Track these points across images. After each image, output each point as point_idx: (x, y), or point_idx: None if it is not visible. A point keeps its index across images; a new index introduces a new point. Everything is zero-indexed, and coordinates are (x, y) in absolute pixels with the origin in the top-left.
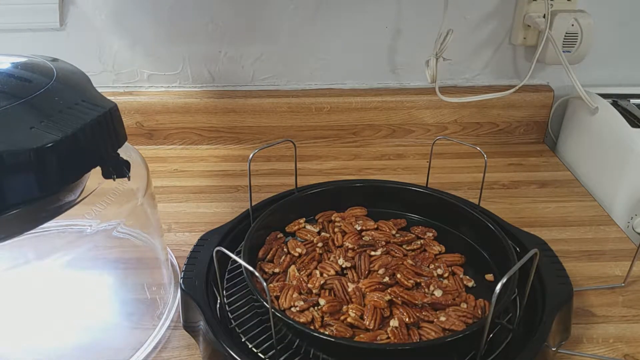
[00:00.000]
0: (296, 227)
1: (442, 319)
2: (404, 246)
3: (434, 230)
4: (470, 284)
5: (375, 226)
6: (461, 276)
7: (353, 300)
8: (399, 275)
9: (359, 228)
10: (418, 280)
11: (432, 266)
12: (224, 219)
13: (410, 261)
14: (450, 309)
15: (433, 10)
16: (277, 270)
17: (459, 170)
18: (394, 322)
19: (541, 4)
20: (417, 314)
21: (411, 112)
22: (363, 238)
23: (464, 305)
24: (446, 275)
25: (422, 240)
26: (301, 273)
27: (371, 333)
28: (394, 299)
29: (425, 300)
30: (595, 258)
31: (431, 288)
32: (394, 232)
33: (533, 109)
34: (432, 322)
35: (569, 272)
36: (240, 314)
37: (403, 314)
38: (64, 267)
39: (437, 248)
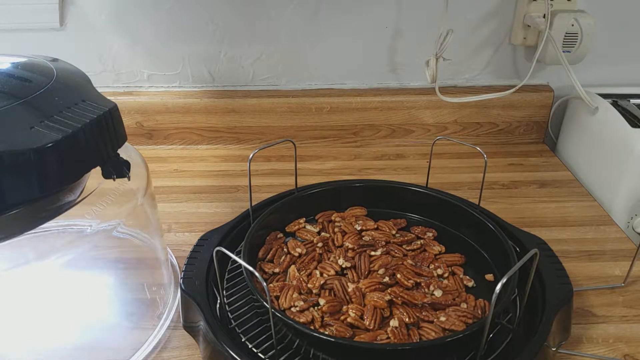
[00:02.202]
0: (296, 227)
1: (442, 319)
2: (404, 246)
3: (434, 230)
4: (470, 284)
5: (375, 226)
6: (461, 276)
7: (353, 300)
8: (399, 275)
9: (359, 228)
10: (418, 280)
11: (432, 266)
12: (224, 219)
13: (410, 261)
14: (450, 309)
15: (433, 10)
16: (277, 270)
17: (459, 170)
18: (394, 322)
19: (541, 4)
20: (417, 314)
21: (411, 112)
22: (363, 238)
23: (464, 305)
24: (446, 275)
25: (422, 240)
26: (301, 273)
27: (371, 333)
28: (394, 299)
29: (425, 300)
30: (595, 258)
31: (431, 288)
32: (394, 232)
33: (533, 109)
34: (432, 322)
35: (569, 272)
36: (240, 314)
37: (403, 314)
38: (64, 267)
39: (437, 248)
